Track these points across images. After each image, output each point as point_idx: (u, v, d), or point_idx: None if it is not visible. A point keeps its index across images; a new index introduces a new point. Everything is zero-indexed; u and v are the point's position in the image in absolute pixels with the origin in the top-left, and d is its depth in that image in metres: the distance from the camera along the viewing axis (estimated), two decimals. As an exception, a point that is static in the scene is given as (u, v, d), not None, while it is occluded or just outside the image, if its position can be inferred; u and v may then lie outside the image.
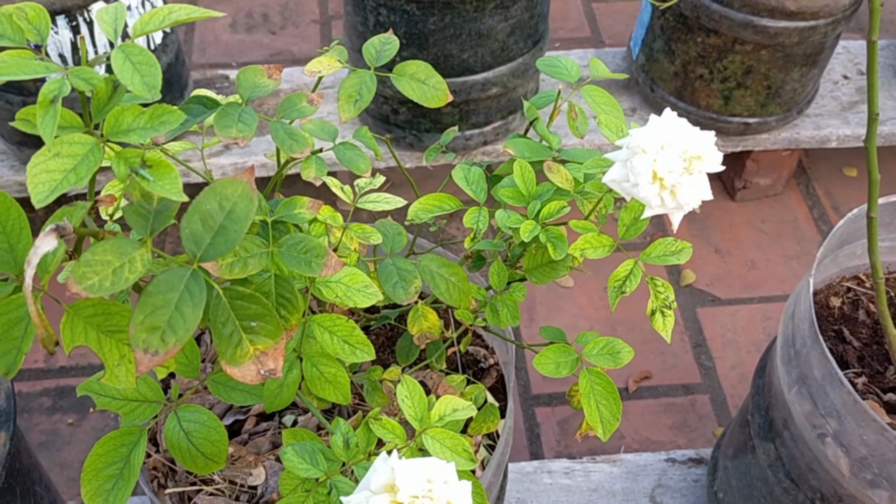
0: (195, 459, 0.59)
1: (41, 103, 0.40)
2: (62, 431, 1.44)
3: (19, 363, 0.41)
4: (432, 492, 0.46)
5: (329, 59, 0.65)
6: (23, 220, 0.42)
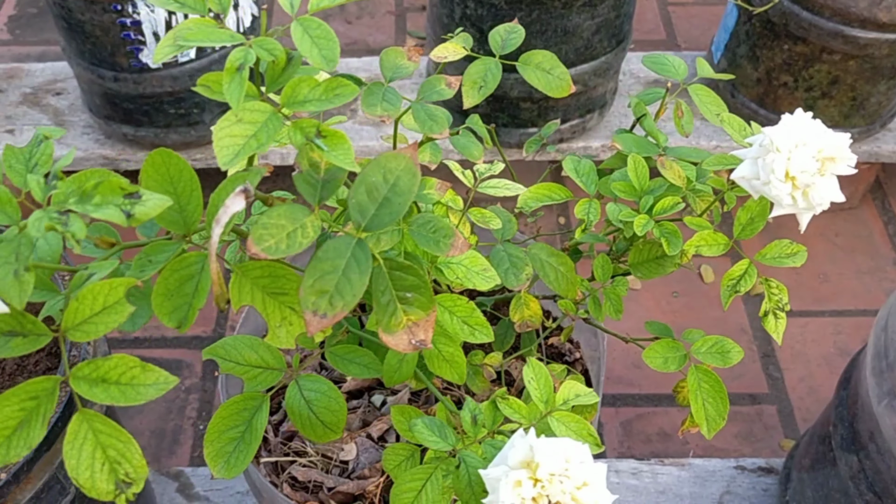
0: (315, 427, 0.60)
1: (228, 70, 0.42)
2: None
3: (192, 318, 0.43)
4: (569, 471, 0.46)
5: (454, 46, 0.66)
6: (194, 182, 0.44)
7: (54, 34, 2.04)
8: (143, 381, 0.39)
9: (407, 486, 0.54)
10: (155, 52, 0.44)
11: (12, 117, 1.62)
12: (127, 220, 0.37)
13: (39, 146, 0.43)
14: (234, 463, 0.60)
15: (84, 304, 0.39)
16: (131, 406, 1.27)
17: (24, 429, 0.38)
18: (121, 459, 0.39)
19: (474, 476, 0.51)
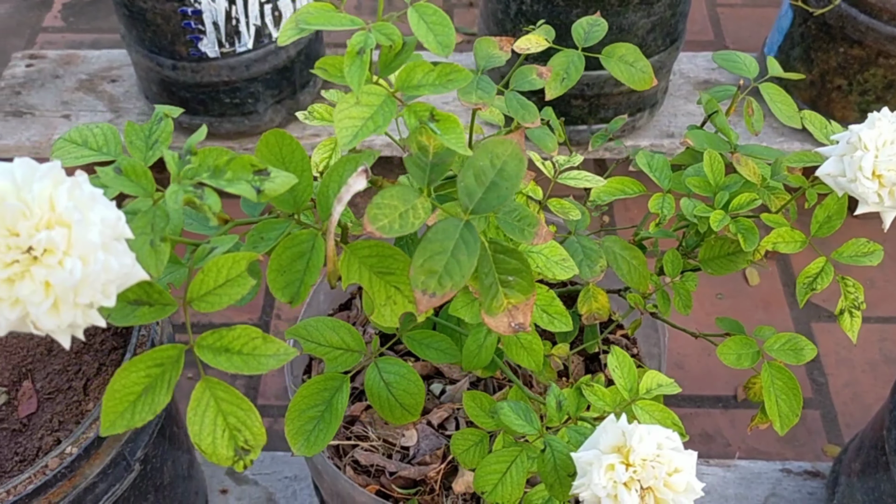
0: (393, 410, 0.62)
1: (349, 54, 0.43)
2: (182, 384, 1.50)
3: (304, 295, 0.44)
4: (661, 457, 0.47)
5: (537, 38, 0.67)
6: (305, 162, 0.45)
7: (107, 22, 2.08)
8: (264, 351, 0.40)
9: (492, 468, 0.55)
10: (280, 34, 0.45)
11: (69, 103, 1.65)
12: (257, 195, 0.38)
13: (160, 124, 0.44)
14: (314, 441, 0.62)
15: (209, 276, 0.40)
16: (179, 391, 1.28)
17: (148, 394, 0.39)
18: (241, 427, 0.40)
19: (560, 460, 0.52)
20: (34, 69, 1.72)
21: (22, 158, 0.33)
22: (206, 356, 0.40)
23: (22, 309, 0.32)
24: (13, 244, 0.31)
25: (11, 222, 0.31)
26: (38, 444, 0.91)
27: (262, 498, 1.22)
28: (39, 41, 2.03)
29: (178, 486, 1.07)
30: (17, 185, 0.32)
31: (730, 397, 1.49)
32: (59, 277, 0.31)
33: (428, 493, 0.83)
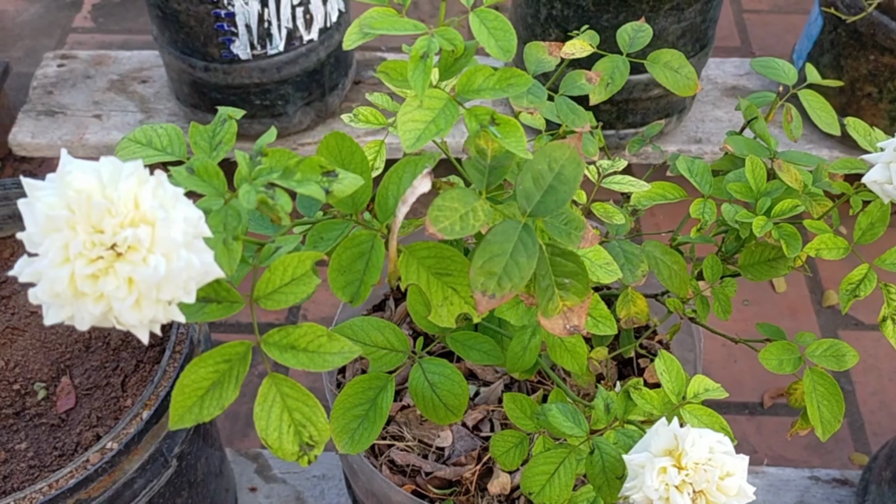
0: (437, 410, 0.62)
1: (413, 58, 0.43)
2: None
3: (364, 294, 0.45)
4: (713, 461, 0.47)
5: (581, 43, 0.67)
6: (365, 164, 0.46)
7: (136, 23, 2.10)
8: (330, 349, 0.41)
9: (540, 469, 0.55)
10: (345, 38, 0.46)
11: (100, 103, 1.67)
12: (325, 196, 0.39)
13: (223, 125, 0.45)
14: (359, 439, 0.62)
15: (275, 274, 0.41)
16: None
17: (216, 389, 0.40)
18: (305, 423, 0.41)
19: (608, 462, 0.52)
20: (66, 69, 1.74)
21: (107, 157, 0.34)
22: (273, 353, 0.41)
23: (106, 304, 0.33)
24: (98, 241, 0.32)
25: (97, 220, 0.32)
26: (77, 439, 0.92)
27: (291, 496, 1.23)
28: (69, 41, 2.06)
29: (210, 483, 1.08)
30: (103, 184, 0.33)
31: (756, 404, 1.48)
32: (143, 274, 0.32)
33: (463, 494, 0.83)
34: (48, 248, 0.32)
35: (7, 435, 0.93)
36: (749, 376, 1.51)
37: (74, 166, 0.33)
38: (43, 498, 0.81)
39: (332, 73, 1.54)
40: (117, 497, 0.86)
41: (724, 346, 1.56)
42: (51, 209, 0.32)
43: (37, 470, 0.90)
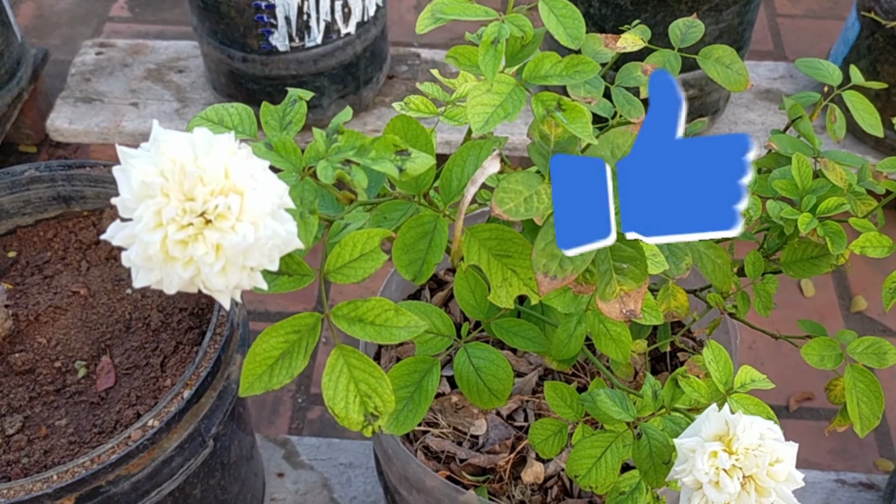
0: (481, 394, 0.63)
1: (484, 43, 0.45)
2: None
3: (427, 273, 0.46)
4: (763, 447, 0.48)
5: (633, 37, 0.68)
6: (430, 146, 0.47)
7: (172, 14, 2.12)
8: (396, 323, 0.42)
9: (586, 453, 0.56)
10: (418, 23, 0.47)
11: (137, 91, 1.69)
12: (399, 174, 0.40)
13: (293, 106, 0.46)
14: (404, 420, 0.63)
15: (345, 249, 0.42)
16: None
17: (286, 359, 0.42)
18: (371, 393, 0.42)
19: (656, 447, 0.53)
20: (104, 57, 1.77)
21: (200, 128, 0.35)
22: (342, 325, 0.42)
23: (194, 269, 0.34)
24: (189, 208, 0.33)
25: (189, 188, 0.33)
26: (116, 417, 0.94)
27: (318, 483, 1.25)
28: (106, 30, 2.09)
29: (241, 466, 1.10)
30: (195, 153, 0.34)
31: (782, 408, 1.48)
32: (232, 241, 0.33)
33: (497, 482, 0.84)
34: (142, 213, 0.33)
35: (48, 411, 0.95)
36: (775, 380, 1.50)
37: (168, 136, 0.34)
38: (85, 472, 0.82)
39: (368, 66, 1.56)
40: (156, 474, 0.88)
41: (751, 350, 1.56)
42: (146, 176, 0.33)
43: (76, 446, 0.92)
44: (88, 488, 0.83)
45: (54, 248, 1.08)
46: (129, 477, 0.86)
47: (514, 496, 0.83)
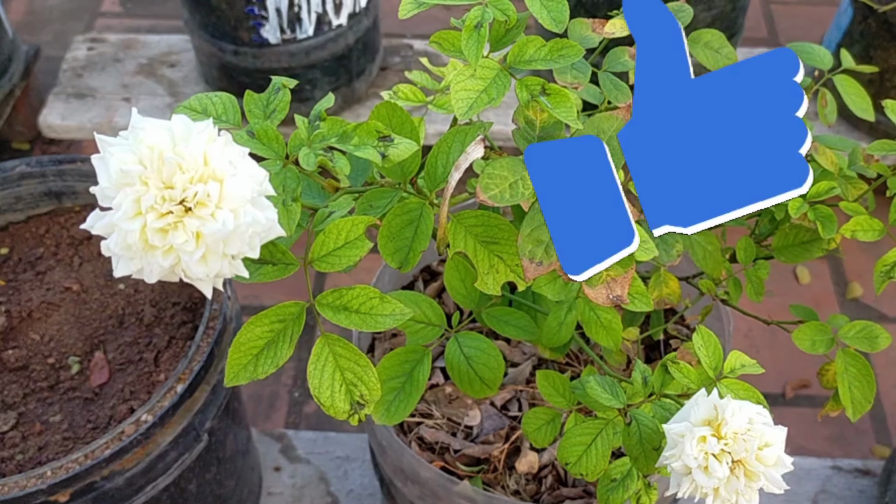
0: (472, 383, 0.63)
1: (467, 28, 0.44)
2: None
3: (413, 261, 0.46)
4: (752, 431, 0.48)
5: (622, 22, 0.67)
6: (415, 132, 0.47)
7: (164, 8, 2.11)
8: (381, 311, 0.42)
9: (577, 441, 0.56)
10: (401, 7, 0.47)
11: (129, 86, 1.69)
12: (382, 160, 0.40)
13: (277, 94, 0.46)
14: (395, 411, 0.63)
15: (329, 237, 0.42)
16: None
17: (271, 348, 0.41)
18: (357, 382, 0.42)
19: (646, 433, 0.53)
20: (95, 52, 1.76)
21: (178, 116, 0.35)
22: (327, 313, 0.42)
23: (174, 257, 0.34)
24: (168, 196, 0.33)
25: (168, 176, 0.33)
26: (110, 412, 0.94)
27: (314, 476, 1.25)
28: (98, 26, 2.08)
29: (237, 461, 1.10)
30: (174, 141, 0.34)
31: (778, 395, 1.48)
32: (212, 228, 0.33)
33: (491, 472, 0.84)
34: (121, 201, 0.33)
35: (42, 407, 0.95)
36: (771, 367, 1.51)
37: (147, 123, 0.34)
38: (78, 468, 0.82)
39: (360, 58, 1.55)
40: (150, 469, 0.88)
41: (747, 338, 1.56)
42: (124, 164, 0.33)
43: (71, 442, 0.92)
44: (82, 484, 0.83)
45: (46, 244, 1.07)
46: (124, 472, 0.86)
47: (508, 486, 0.83)
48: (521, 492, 0.83)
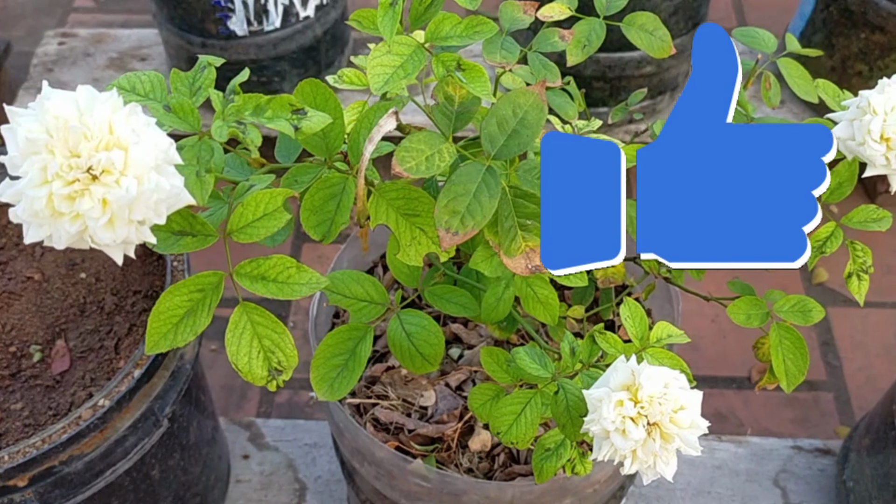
0: (414, 359, 0.64)
1: (382, 5, 0.45)
2: (205, 356, 1.53)
3: (334, 233, 0.47)
4: (667, 395, 0.49)
5: (560, 6, 0.69)
6: (338, 110, 0.48)
7: (137, 3, 2.12)
8: (298, 279, 0.43)
9: (507, 410, 0.57)
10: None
11: (99, 80, 1.69)
12: (295, 132, 0.41)
13: (203, 72, 0.47)
14: (338, 387, 0.65)
15: (248, 209, 0.43)
16: (203, 363, 1.30)
17: (190, 317, 0.42)
18: (274, 349, 0.43)
19: (572, 401, 0.54)
20: (66, 47, 1.76)
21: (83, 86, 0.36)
22: (244, 282, 0.43)
23: (81, 223, 0.35)
24: (74, 164, 0.34)
25: (74, 144, 0.34)
26: (71, 399, 0.94)
27: (283, 463, 1.26)
28: (70, 21, 2.08)
29: (202, 448, 1.11)
30: (80, 110, 0.35)
31: (744, 378, 1.50)
32: (116, 195, 0.34)
33: (445, 451, 0.85)
34: (27, 169, 0.34)
35: (3, 396, 0.95)
36: (737, 351, 1.53)
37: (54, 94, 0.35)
38: (36, 452, 0.83)
39: (329, 50, 1.56)
40: (109, 454, 0.89)
41: (714, 322, 1.58)
42: (30, 133, 0.34)
43: (31, 429, 0.93)
44: (41, 468, 0.84)
45: (9, 234, 1.08)
46: (82, 457, 0.87)
47: (461, 464, 0.85)
48: (475, 469, 0.84)
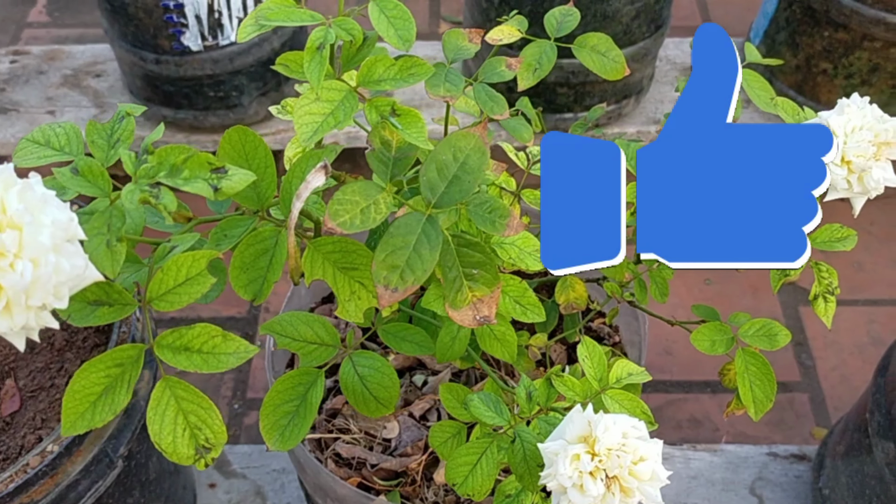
0: (367, 403, 0.62)
1: (309, 49, 0.43)
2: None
3: (267, 292, 0.44)
4: (626, 446, 0.47)
5: (510, 28, 0.66)
6: (269, 159, 0.45)
7: (92, 17, 2.07)
8: (225, 349, 0.40)
9: (462, 461, 0.55)
10: (238, 30, 0.45)
11: (53, 98, 1.64)
12: (214, 193, 0.38)
13: (121, 122, 0.44)
14: (289, 436, 0.62)
15: (168, 275, 0.40)
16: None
17: (109, 395, 0.40)
18: (201, 425, 0.40)
19: (530, 451, 0.52)
20: (18, 65, 1.71)
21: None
22: (166, 355, 0.41)
23: (-26, 311, 0.32)
24: (-36, 247, 0.31)
25: (-39, 226, 0.31)
26: (21, 442, 0.91)
27: (251, 491, 1.23)
28: (24, 37, 2.03)
29: (164, 482, 1.07)
30: (-32, 189, 0.32)
31: (717, 382, 1.49)
32: (11, 280, 0.31)
33: (410, 485, 0.83)
34: None
35: (-48, 439, 0.92)
36: (713, 362, 1.52)
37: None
38: (-17, 502, 0.80)
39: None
40: (61, 499, 0.86)
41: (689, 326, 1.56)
42: (-89, 216, 0.31)
43: (-18, 475, 0.89)
44: (-11, 519, 0.81)
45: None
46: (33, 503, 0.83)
47: (427, 498, 0.82)
48: (440, 503, 0.82)
